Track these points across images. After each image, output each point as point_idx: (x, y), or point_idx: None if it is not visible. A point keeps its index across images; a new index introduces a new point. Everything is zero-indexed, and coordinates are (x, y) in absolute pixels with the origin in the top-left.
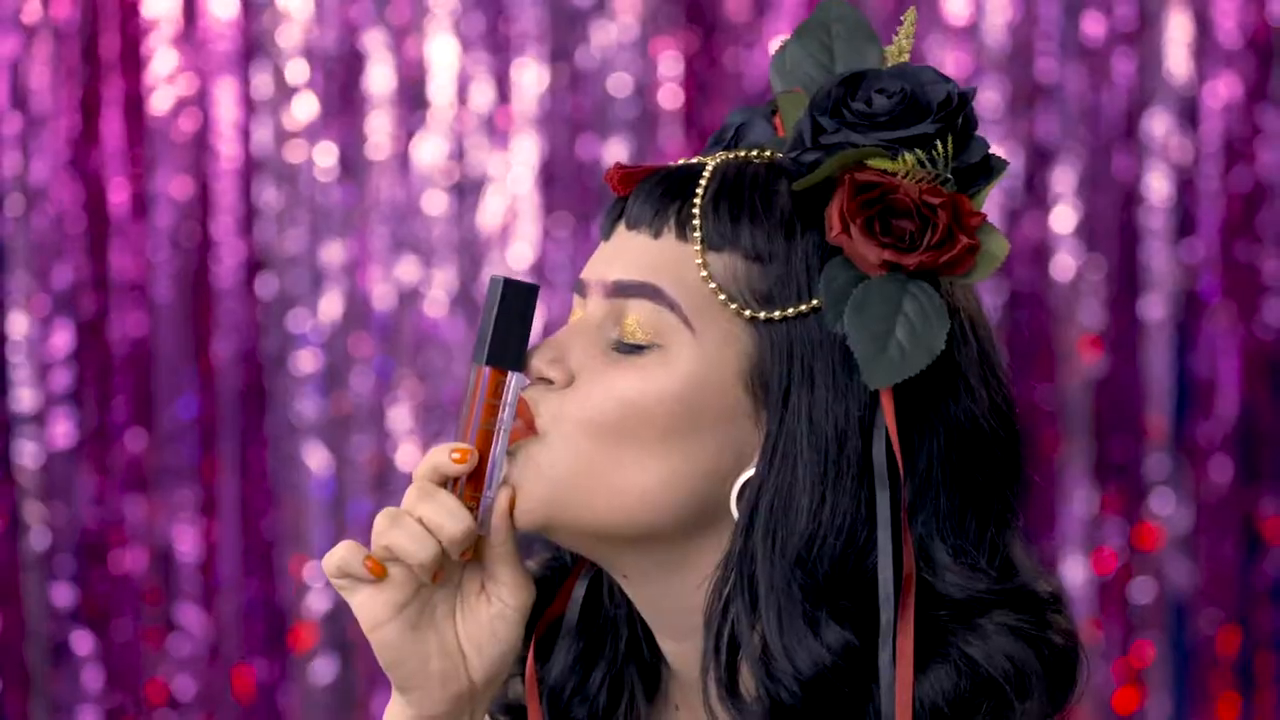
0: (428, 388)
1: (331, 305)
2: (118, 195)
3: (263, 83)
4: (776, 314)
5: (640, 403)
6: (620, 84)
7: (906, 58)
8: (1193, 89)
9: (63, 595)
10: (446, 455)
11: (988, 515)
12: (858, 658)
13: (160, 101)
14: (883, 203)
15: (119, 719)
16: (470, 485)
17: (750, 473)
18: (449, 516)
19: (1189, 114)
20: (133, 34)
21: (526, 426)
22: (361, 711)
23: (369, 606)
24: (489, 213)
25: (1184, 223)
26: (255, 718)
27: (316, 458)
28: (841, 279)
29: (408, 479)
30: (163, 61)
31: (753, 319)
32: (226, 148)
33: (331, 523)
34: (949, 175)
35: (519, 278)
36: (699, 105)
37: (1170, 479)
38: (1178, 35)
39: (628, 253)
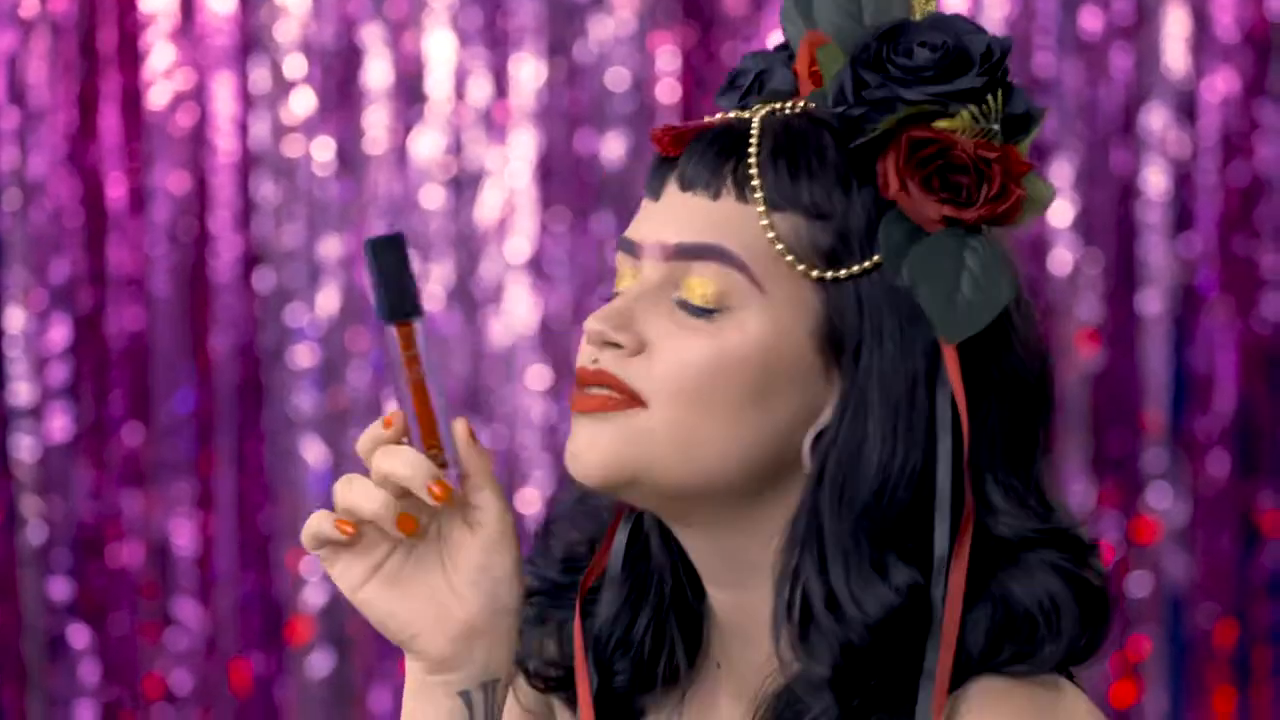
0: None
1: (329, 300)
2: (115, 190)
3: (260, 77)
4: (842, 272)
5: (721, 366)
6: (618, 78)
7: (934, 6)
8: (1190, 84)
9: (59, 589)
10: (379, 426)
11: (1032, 457)
12: (922, 596)
13: (158, 96)
14: (941, 159)
15: (116, 713)
16: (427, 437)
17: (822, 426)
18: (400, 463)
19: (1187, 109)
20: (130, 29)
21: (617, 393)
22: (359, 705)
23: (346, 573)
24: (486, 207)
25: (1182, 217)
26: (252, 711)
27: (314, 452)
28: (898, 234)
29: None
30: (160, 56)
31: (820, 279)
32: (224, 142)
33: None
34: (996, 127)
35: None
36: (697, 100)
37: (1167, 473)
38: (1175, 30)
39: (686, 214)
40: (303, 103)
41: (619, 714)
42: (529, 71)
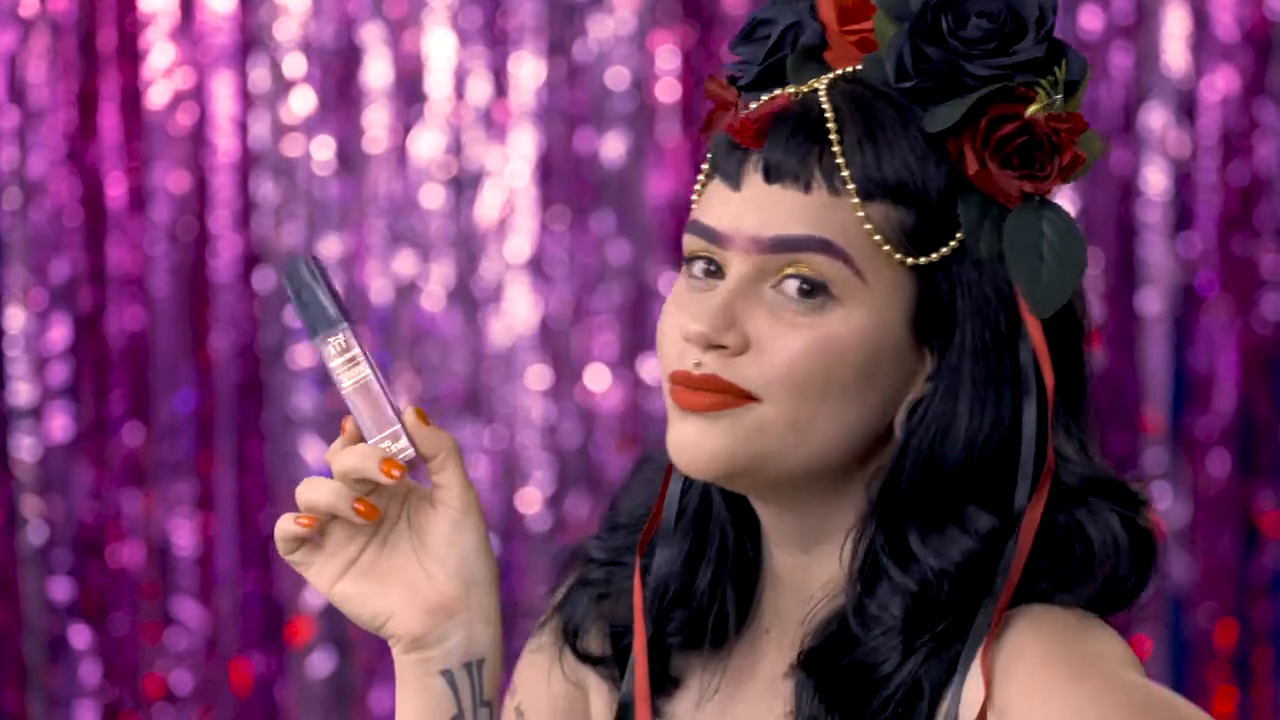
0: (425, 381)
1: None
2: (115, 189)
3: (260, 77)
4: (935, 256)
5: (829, 357)
6: (618, 78)
7: None
8: (1190, 83)
9: (60, 589)
10: (340, 437)
11: (1085, 410)
12: (998, 539)
13: (157, 95)
14: (1021, 136)
15: (116, 713)
16: (377, 429)
17: (915, 398)
18: (350, 457)
19: (1187, 108)
20: (130, 28)
21: (727, 394)
22: (359, 705)
23: (321, 572)
24: (486, 206)
25: (1181, 217)
26: (253, 711)
27: (314, 452)
28: (976, 210)
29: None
30: (160, 55)
31: (915, 265)
32: (224, 142)
33: None
34: (1060, 96)
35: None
36: (696, 99)
37: (1168, 473)
38: (1175, 29)
39: (779, 207)
40: (302, 102)
41: (659, 681)
42: (529, 71)
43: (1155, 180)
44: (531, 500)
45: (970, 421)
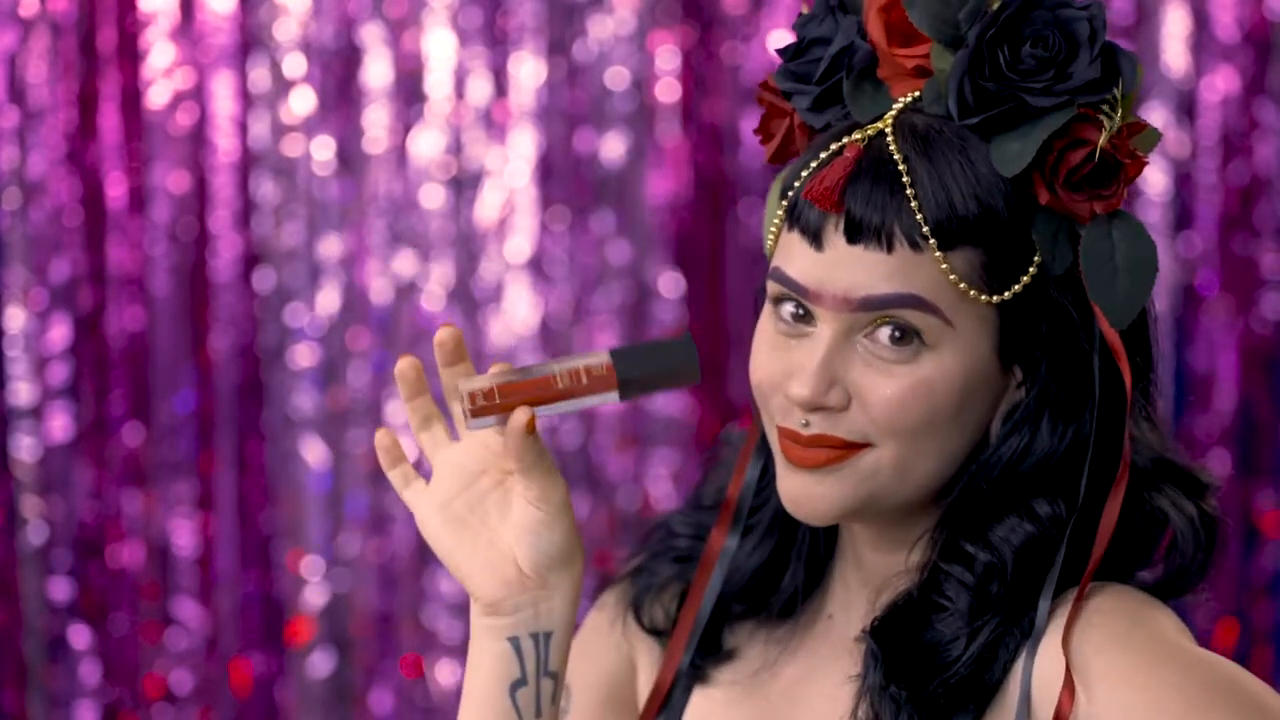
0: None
1: (329, 299)
2: (115, 189)
3: (260, 77)
4: (1017, 288)
5: (929, 397)
6: (618, 78)
7: None
8: (1190, 83)
9: (60, 589)
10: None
11: (1155, 394)
12: (1061, 524)
13: (157, 95)
14: (1090, 161)
15: (116, 713)
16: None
17: (1005, 411)
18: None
19: (1187, 108)
20: (130, 28)
21: (838, 449)
22: (359, 705)
23: (416, 500)
24: (486, 206)
25: (1181, 216)
26: (253, 711)
27: (314, 451)
28: (1048, 231)
29: None
30: (160, 55)
31: (999, 302)
32: (224, 142)
33: (329, 517)
34: (1119, 115)
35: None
36: (697, 99)
37: None
38: (1175, 29)
39: (865, 267)
40: (302, 102)
41: (712, 648)
42: (529, 70)
43: (1155, 180)
44: None
45: (1056, 425)
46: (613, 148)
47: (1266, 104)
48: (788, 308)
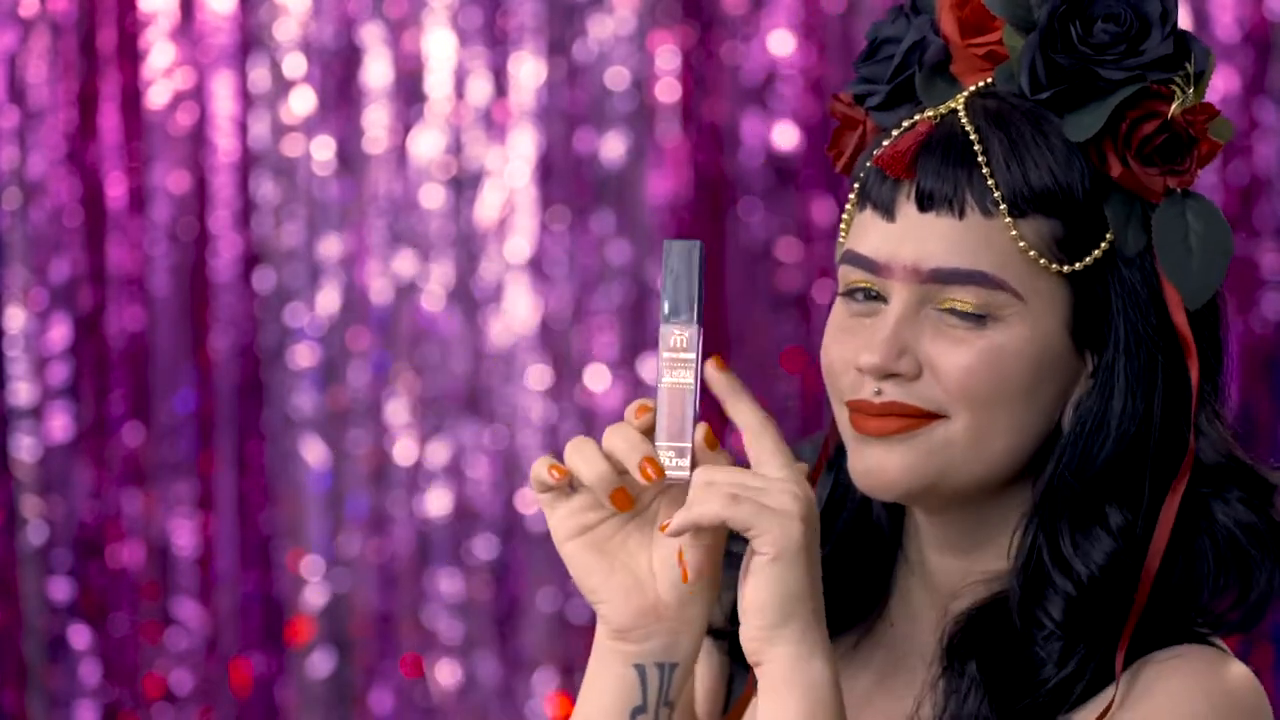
0: (425, 381)
1: (329, 299)
2: (115, 189)
3: (260, 77)
4: (1088, 260)
5: (1002, 367)
6: (617, 78)
7: None
8: None
9: (60, 589)
10: (633, 410)
11: (1225, 389)
12: (1133, 534)
13: (157, 95)
14: (1161, 134)
15: (116, 713)
16: (675, 434)
17: (1077, 399)
18: (620, 439)
19: None
20: (130, 28)
21: (912, 417)
22: (359, 705)
23: (561, 523)
24: (486, 206)
25: None
26: (253, 711)
27: (314, 452)
28: (1122, 210)
29: (405, 473)
30: (160, 55)
31: (1070, 273)
32: (224, 142)
33: (329, 517)
34: (1192, 90)
35: (682, 238)
36: (697, 99)
37: None
38: None
39: (935, 237)
40: (302, 102)
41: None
42: (529, 70)
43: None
44: (531, 500)
45: (1123, 417)
46: (613, 148)
47: (1266, 104)
48: (859, 294)
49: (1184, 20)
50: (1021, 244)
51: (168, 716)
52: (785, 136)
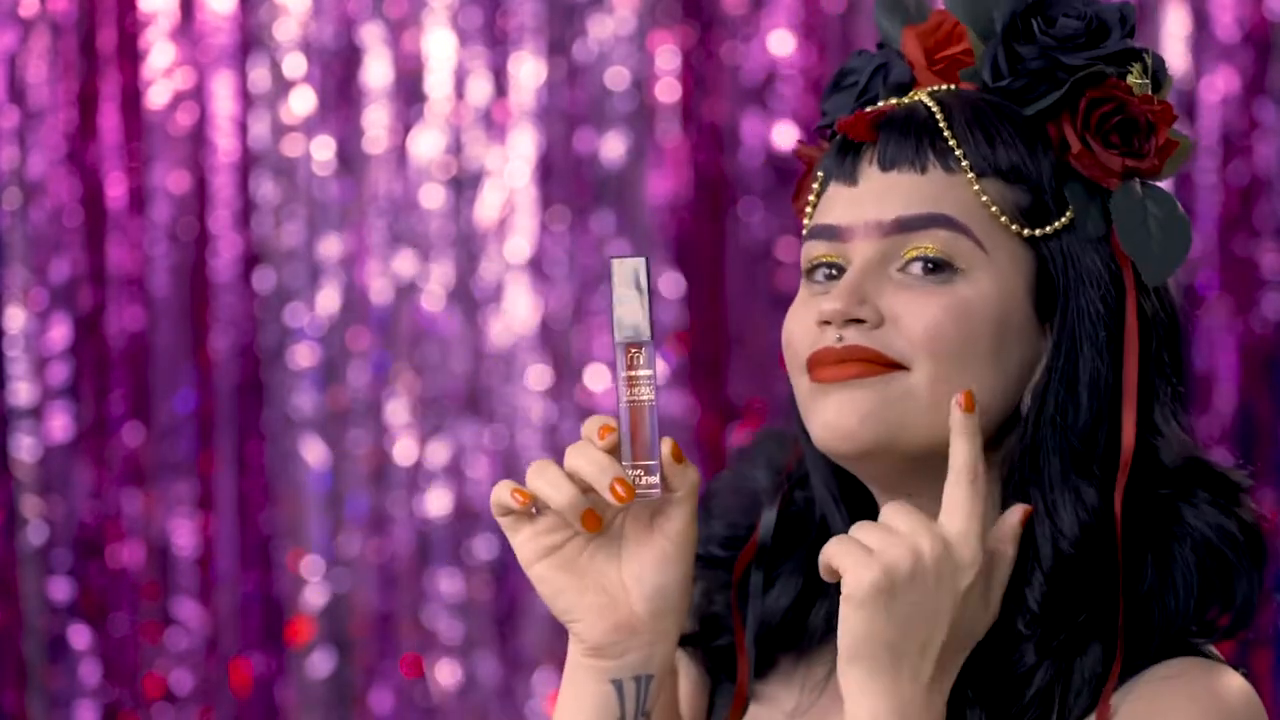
0: (425, 381)
1: (329, 299)
2: (115, 189)
3: (260, 77)
4: (1048, 229)
5: (966, 320)
6: (617, 77)
7: None
8: (1190, 83)
9: (60, 589)
10: (595, 427)
11: (1183, 392)
12: (1106, 517)
13: (157, 95)
14: (1118, 115)
15: (116, 713)
16: (639, 452)
17: (1040, 377)
18: (586, 461)
19: (1186, 108)
20: (130, 28)
21: (873, 361)
22: (359, 705)
23: (525, 546)
24: (486, 206)
25: None
26: (253, 711)
27: (314, 452)
28: (1083, 194)
29: (405, 473)
30: (160, 55)
31: (1030, 237)
32: (224, 142)
33: (329, 517)
34: (1148, 81)
35: (627, 255)
36: (697, 99)
37: None
38: (1176, 29)
39: (897, 191)
40: (302, 102)
41: (760, 667)
42: (529, 70)
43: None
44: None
45: (1091, 396)
46: (613, 148)
47: (1266, 104)
48: (821, 272)
49: (1184, 20)
50: (984, 198)
51: (168, 716)
52: (785, 136)
